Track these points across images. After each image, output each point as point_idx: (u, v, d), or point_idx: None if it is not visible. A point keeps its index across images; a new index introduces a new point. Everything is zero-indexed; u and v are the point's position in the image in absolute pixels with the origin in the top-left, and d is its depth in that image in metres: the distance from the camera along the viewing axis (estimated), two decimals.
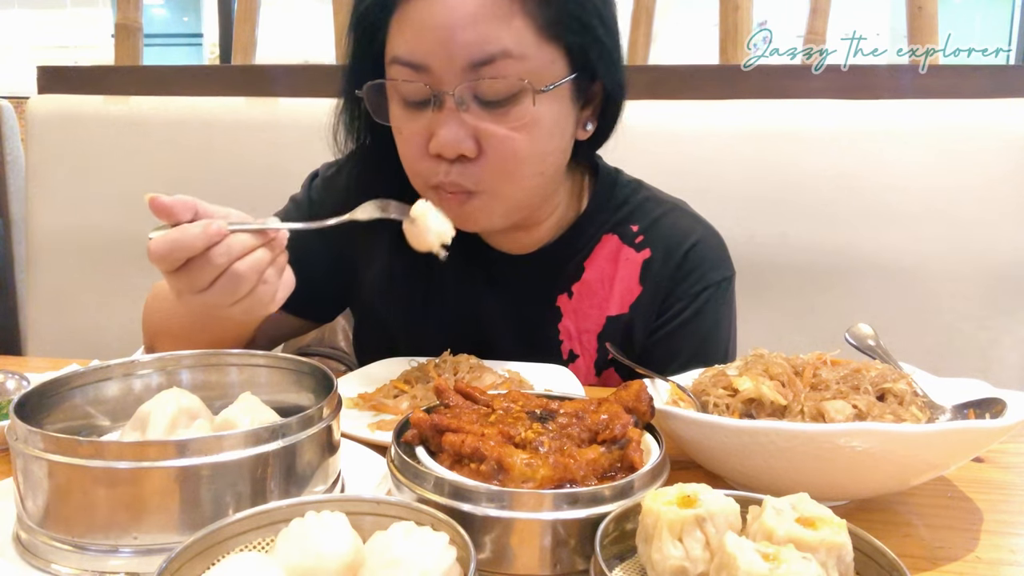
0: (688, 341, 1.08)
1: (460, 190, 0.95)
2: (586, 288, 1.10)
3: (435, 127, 0.92)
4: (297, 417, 0.62)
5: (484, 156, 0.93)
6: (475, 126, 0.91)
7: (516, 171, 0.95)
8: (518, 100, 0.91)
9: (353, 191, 1.01)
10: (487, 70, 0.89)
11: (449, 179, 0.94)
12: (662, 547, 0.53)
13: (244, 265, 0.80)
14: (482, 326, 1.12)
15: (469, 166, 0.93)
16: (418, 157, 0.96)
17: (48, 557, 0.58)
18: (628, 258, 1.09)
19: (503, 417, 0.67)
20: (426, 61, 0.90)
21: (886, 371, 0.76)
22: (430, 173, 0.95)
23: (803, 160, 1.56)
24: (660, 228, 1.10)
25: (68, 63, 2.37)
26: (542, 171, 0.98)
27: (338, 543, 0.50)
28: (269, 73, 1.83)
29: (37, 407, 0.66)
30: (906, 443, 0.63)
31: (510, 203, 0.98)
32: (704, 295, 1.08)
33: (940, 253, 1.53)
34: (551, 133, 0.96)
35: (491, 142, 0.92)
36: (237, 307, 0.82)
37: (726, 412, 0.74)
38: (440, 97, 0.91)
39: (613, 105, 1.03)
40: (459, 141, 0.91)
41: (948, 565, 0.62)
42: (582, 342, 1.10)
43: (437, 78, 0.90)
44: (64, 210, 1.81)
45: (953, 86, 1.57)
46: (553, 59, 0.93)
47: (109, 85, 1.85)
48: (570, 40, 0.93)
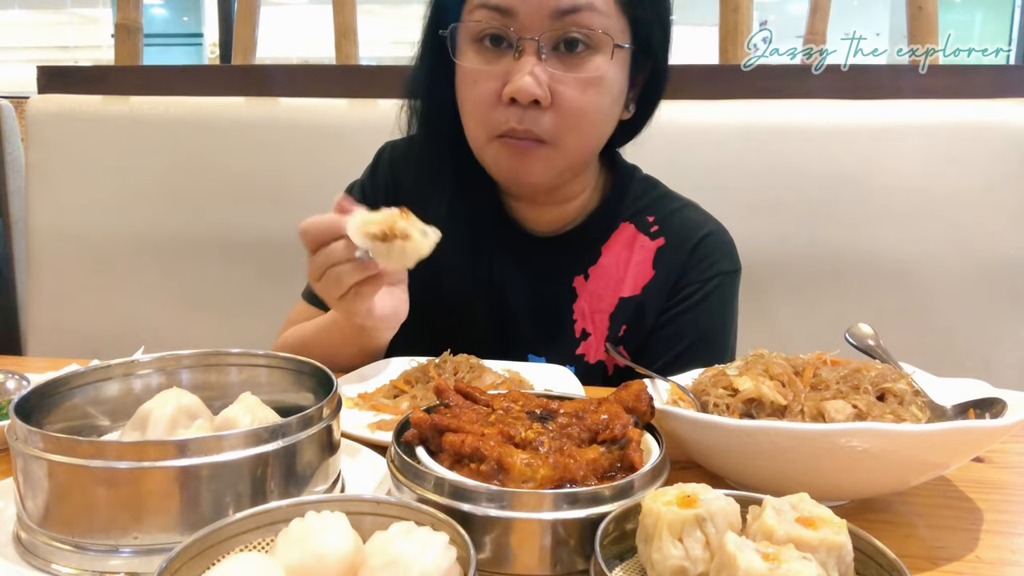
0: (694, 325, 1.13)
1: (531, 137, 0.99)
2: (602, 271, 1.15)
3: (512, 73, 0.97)
4: (297, 417, 0.62)
5: (555, 106, 0.98)
6: (551, 74, 0.97)
7: (582, 124, 1.00)
8: (594, 54, 0.97)
9: (430, 160, 1.13)
10: (572, 19, 0.95)
11: (523, 126, 0.98)
12: (662, 547, 0.53)
13: (339, 271, 0.90)
14: (505, 300, 1.16)
15: (540, 115, 0.98)
16: (491, 104, 1.00)
17: (48, 557, 0.58)
18: (643, 245, 1.15)
19: (503, 417, 0.67)
20: (514, 6, 0.95)
21: (886, 371, 0.76)
22: (500, 120, 0.99)
23: (803, 160, 1.56)
24: (674, 220, 1.16)
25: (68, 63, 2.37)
26: (601, 132, 1.04)
27: (338, 543, 0.50)
28: (269, 73, 1.83)
29: (37, 407, 0.66)
30: (906, 443, 0.63)
31: (569, 159, 1.04)
32: (713, 282, 1.13)
33: (940, 253, 1.53)
34: (612, 95, 1.02)
35: (564, 93, 0.97)
36: (340, 306, 0.95)
37: (726, 412, 0.74)
38: (522, 43, 0.96)
39: (654, 92, 1.10)
40: (535, 87, 0.96)
41: (948, 565, 0.62)
42: (595, 321, 1.15)
43: (522, 24, 0.96)
44: (64, 210, 1.80)
45: (953, 86, 1.57)
46: (623, 27, 1.00)
47: (109, 85, 1.84)
48: (637, 13, 1.00)
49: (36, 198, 1.82)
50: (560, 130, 0.99)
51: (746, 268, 1.20)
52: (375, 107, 1.69)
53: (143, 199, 1.78)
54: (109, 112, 1.80)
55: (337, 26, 1.87)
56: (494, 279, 1.16)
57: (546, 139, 1.00)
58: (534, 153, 1.00)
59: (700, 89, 1.62)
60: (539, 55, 0.96)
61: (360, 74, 1.79)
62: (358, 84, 1.75)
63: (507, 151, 1.01)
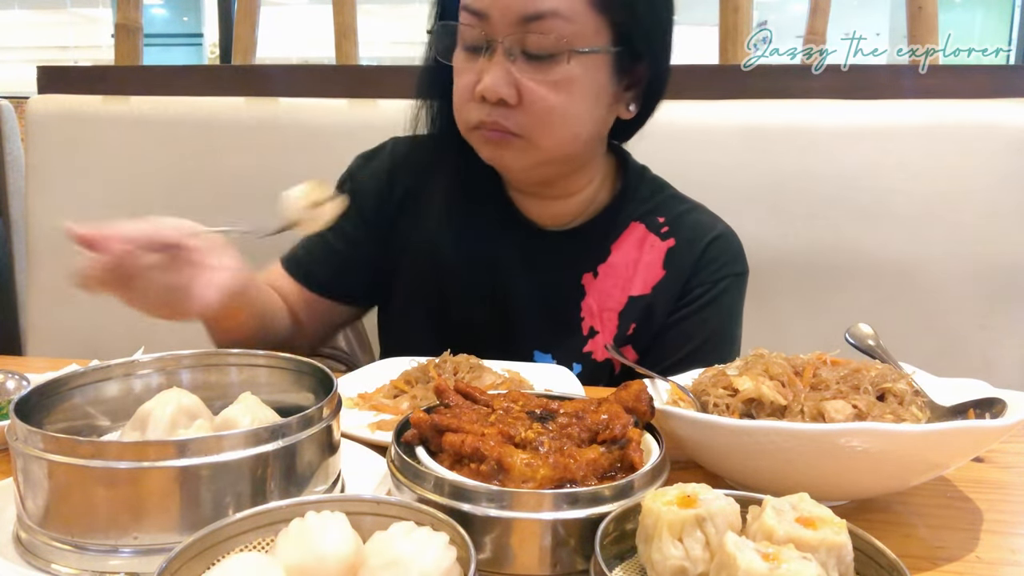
0: (704, 325, 1.14)
1: (500, 129, 1.02)
2: (611, 269, 1.16)
3: (484, 72, 1.01)
4: (297, 417, 0.62)
5: (523, 105, 1.01)
6: (518, 77, 1.00)
7: (552, 123, 1.02)
8: (559, 58, 1.00)
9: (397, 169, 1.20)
10: (535, 25, 0.98)
11: (491, 118, 1.02)
12: (662, 547, 0.53)
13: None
14: (512, 296, 1.17)
15: (509, 112, 1.01)
16: (466, 98, 1.04)
17: (48, 557, 0.58)
18: (653, 245, 1.16)
19: (503, 417, 0.67)
20: (486, 10, 1.00)
21: (886, 371, 0.76)
22: (474, 114, 1.03)
23: (803, 160, 1.56)
24: (685, 221, 1.17)
25: (68, 63, 2.37)
26: (577, 132, 1.05)
27: (338, 543, 0.50)
28: (269, 73, 1.83)
29: (37, 407, 0.66)
30: (906, 443, 0.63)
31: (545, 155, 1.05)
32: (723, 283, 1.14)
33: (940, 253, 1.53)
34: (585, 97, 1.03)
35: (529, 93, 1.00)
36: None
37: (726, 412, 0.74)
38: (492, 45, 1.00)
39: (654, 92, 1.11)
40: (501, 86, 0.99)
41: (948, 565, 0.63)
42: (602, 319, 1.15)
43: (493, 27, 1.00)
44: (64, 210, 1.80)
45: (953, 86, 1.57)
46: (598, 29, 1.01)
47: (109, 85, 1.84)
48: (617, 16, 1.01)
49: (36, 198, 1.82)
50: (529, 127, 1.02)
51: None
52: (375, 107, 1.69)
53: (143, 199, 1.78)
54: (109, 112, 1.80)
55: (337, 26, 1.87)
56: (500, 273, 1.17)
57: (517, 132, 1.02)
58: (508, 143, 1.03)
59: (700, 89, 1.62)
60: (509, 56, 0.99)
61: (360, 74, 1.79)
62: (358, 84, 1.75)
63: (483, 140, 1.05)
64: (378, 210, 1.20)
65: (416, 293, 1.21)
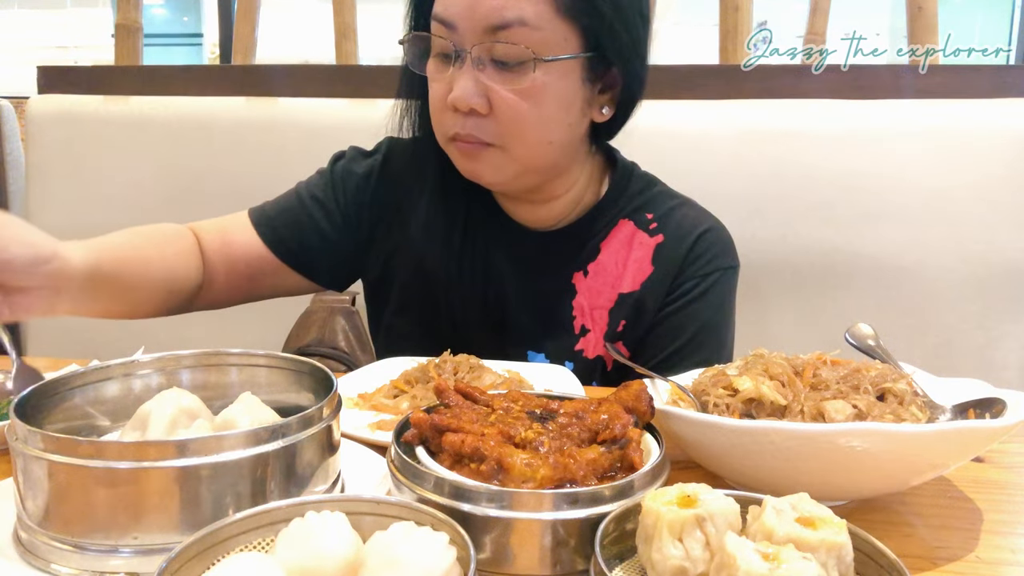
0: (694, 319, 1.13)
1: (475, 140, 1.02)
2: (601, 268, 1.15)
3: (454, 81, 1.00)
4: (297, 417, 0.62)
5: (494, 114, 1.01)
6: (488, 85, 0.99)
7: (524, 131, 1.02)
8: (526, 66, 0.99)
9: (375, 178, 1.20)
10: (502, 34, 0.97)
11: (465, 130, 1.02)
12: (662, 547, 0.53)
13: None
14: (504, 299, 1.17)
15: (482, 121, 1.01)
16: (440, 108, 1.04)
17: (48, 557, 0.58)
18: (642, 242, 1.15)
19: (503, 417, 0.67)
20: (455, 20, 0.99)
21: (886, 371, 0.76)
22: (449, 124, 1.03)
23: (803, 160, 1.56)
24: (673, 217, 1.17)
25: (68, 63, 2.37)
26: (549, 139, 1.04)
27: (338, 543, 0.50)
28: (269, 73, 1.83)
29: (37, 407, 0.66)
30: (906, 443, 0.63)
31: (520, 164, 1.05)
32: (712, 277, 1.14)
33: (940, 253, 1.53)
34: (556, 104, 1.02)
35: (500, 102, 1.00)
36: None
37: (726, 412, 0.74)
38: (461, 54, 1.00)
39: (629, 97, 1.09)
40: (471, 96, 0.99)
41: (948, 565, 0.62)
42: (593, 317, 1.15)
43: (461, 36, 0.99)
44: (64, 210, 1.80)
45: (953, 86, 1.57)
46: (567, 36, 1.00)
47: (109, 85, 1.84)
48: (585, 22, 1.00)
49: (36, 198, 1.82)
50: (502, 136, 1.01)
51: (745, 268, 1.20)
52: (375, 107, 1.69)
53: (143, 199, 1.78)
54: (109, 112, 1.80)
55: (337, 26, 1.88)
56: (491, 277, 1.17)
57: (491, 143, 1.02)
58: (482, 155, 1.03)
59: (700, 89, 1.62)
60: (478, 65, 0.99)
61: (360, 74, 1.79)
62: (358, 84, 1.75)
63: (459, 153, 1.05)
64: (355, 209, 1.20)
65: (408, 300, 1.21)
